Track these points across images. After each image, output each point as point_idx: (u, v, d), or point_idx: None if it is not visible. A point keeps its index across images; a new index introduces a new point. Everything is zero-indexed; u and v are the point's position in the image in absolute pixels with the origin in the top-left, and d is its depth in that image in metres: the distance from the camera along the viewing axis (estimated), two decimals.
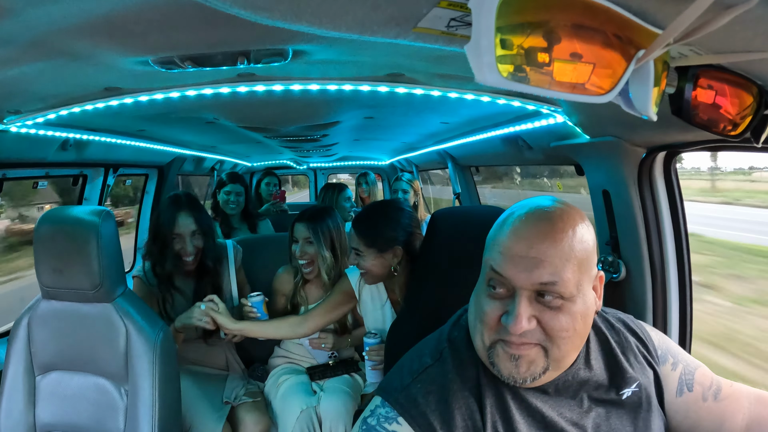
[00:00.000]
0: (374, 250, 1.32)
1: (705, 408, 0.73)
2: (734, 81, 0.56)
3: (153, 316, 1.25)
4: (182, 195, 1.62)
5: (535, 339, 0.61)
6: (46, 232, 1.14)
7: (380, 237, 1.32)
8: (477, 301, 0.65)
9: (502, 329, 0.62)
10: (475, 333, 0.66)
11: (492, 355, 0.63)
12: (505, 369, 0.62)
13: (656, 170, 1.15)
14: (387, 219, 1.34)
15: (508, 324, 0.60)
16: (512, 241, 0.61)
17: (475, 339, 0.66)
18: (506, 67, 0.36)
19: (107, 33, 0.71)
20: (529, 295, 0.60)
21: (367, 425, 0.66)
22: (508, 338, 0.61)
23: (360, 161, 4.44)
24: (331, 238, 1.59)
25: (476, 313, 0.65)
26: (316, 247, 1.58)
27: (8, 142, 1.35)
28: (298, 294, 1.70)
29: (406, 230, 1.34)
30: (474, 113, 1.58)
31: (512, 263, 0.61)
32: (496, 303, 0.62)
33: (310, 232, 1.57)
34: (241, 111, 1.57)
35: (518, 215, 0.64)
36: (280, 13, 0.48)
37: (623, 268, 1.24)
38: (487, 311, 0.63)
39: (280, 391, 1.59)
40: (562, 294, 0.60)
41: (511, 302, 0.61)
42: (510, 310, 0.60)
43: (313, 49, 0.84)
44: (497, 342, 0.62)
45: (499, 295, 0.62)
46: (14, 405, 1.21)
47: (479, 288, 0.66)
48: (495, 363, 0.63)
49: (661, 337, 0.78)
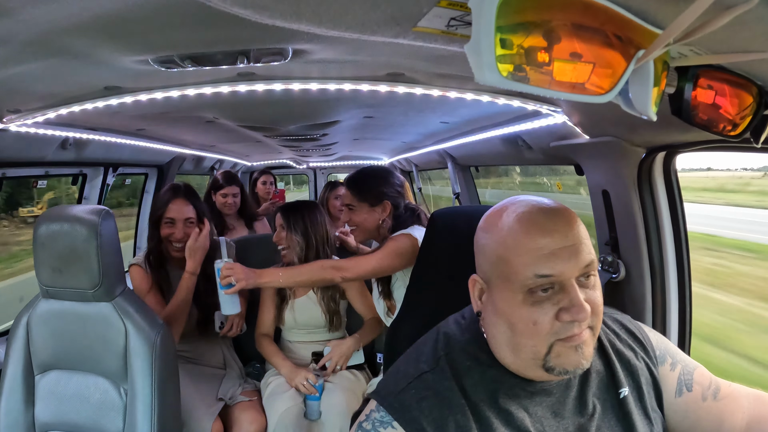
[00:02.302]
0: (366, 204, 1.46)
1: (704, 408, 0.73)
2: (734, 81, 0.56)
3: (152, 315, 1.25)
4: (181, 184, 1.69)
5: (587, 323, 0.61)
6: (45, 232, 1.14)
7: (371, 192, 1.46)
8: (517, 316, 0.61)
9: (560, 328, 0.59)
10: (521, 349, 0.62)
11: (550, 359, 0.60)
12: (571, 363, 0.60)
13: (656, 170, 1.15)
14: (376, 177, 1.49)
15: (572, 317, 0.58)
16: (544, 238, 0.60)
17: (523, 354, 0.62)
18: (506, 66, 0.36)
19: (107, 32, 0.71)
20: (576, 282, 0.60)
21: (362, 429, 0.66)
22: (569, 333, 0.59)
23: (360, 161, 4.44)
24: (304, 226, 1.71)
25: (522, 328, 0.61)
26: (287, 232, 1.70)
27: (8, 141, 1.35)
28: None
29: (394, 188, 1.48)
30: (474, 113, 1.58)
31: (557, 258, 0.59)
32: (545, 306, 0.60)
33: (284, 219, 1.71)
34: (241, 110, 1.57)
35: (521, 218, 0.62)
36: (280, 12, 0.48)
37: (623, 268, 1.24)
38: (539, 319, 0.59)
39: (268, 389, 1.61)
40: (594, 271, 0.61)
41: (562, 297, 0.59)
42: (566, 304, 0.59)
43: (313, 49, 0.84)
44: (554, 343, 0.60)
45: (547, 297, 0.60)
46: (13, 404, 1.21)
47: (511, 303, 0.61)
48: (556, 364, 0.60)
49: (659, 337, 0.78)
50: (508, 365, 0.65)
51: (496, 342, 0.65)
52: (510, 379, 0.66)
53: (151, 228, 1.64)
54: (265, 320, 1.77)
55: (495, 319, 0.64)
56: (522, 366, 0.64)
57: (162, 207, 1.61)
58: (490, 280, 0.65)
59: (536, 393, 0.66)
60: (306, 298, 1.76)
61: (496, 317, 0.64)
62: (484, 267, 0.66)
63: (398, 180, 1.52)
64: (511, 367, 0.65)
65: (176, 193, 1.63)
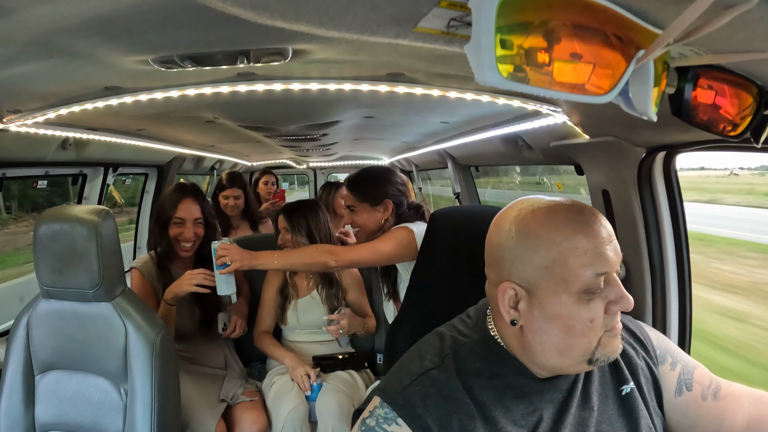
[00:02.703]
0: (367, 204, 1.47)
1: (705, 407, 0.74)
2: (734, 81, 0.56)
3: (152, 315, 1.25)
4: (188, 184, 1.72)
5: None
6: (45, 232, 1.14)
7: (371, 192, 1.47)
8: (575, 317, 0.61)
9: (608, 320, 0.62)
10: (574, 349, 0.62)
11: (598, 350, 0.62)
12: (615, 350, 0.64)
13: (656, 170, 1.15)
14: (376, 177, 1.50)
15: (622, 308, 0.62)
16: (593, 236, 0.61)
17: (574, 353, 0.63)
18: (506, 67, 0.36)
19: (107, 32, 0.71)
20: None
21: (366, 426, 0.66)
22: (615, 323, 0.63)
23: (360, 161, 4.44)
24: (308, 226, 1.72)
25: (580, 329, 0.61)
26: (291, 234, 1.71)
27: (8, 141, 1.35)
28: (288, 285, 1.77)
29: (396, 186, 1.49)
30: (474, 113, 1.58)
31: (609, 253, 0.61)
32: (597, 302, 0.61)
33: (287, 221, 1.72)
34: (241, 110, 1.57)
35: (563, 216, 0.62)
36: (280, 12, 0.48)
37: (623, 268, 1.24)
38: (596, 315, 0.61)
39: (273, 389, 1.61)
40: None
41: (609, 290, 0.61)
42: (614, 297, 0.61)
43: (313, 49, 0.84)
44: (603, 335, 0.62)
45: (598, 294, 0.61)
46: (13, 404, 1.21)
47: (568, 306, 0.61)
48: (602, 354, 0.63)
49: (659, 337, 0.78)
50: (543, 365, 0.65)
51: (543, 347, 0.64)
52: (519, 379, 0.66)
53: (159, 229, 1.63)
54: (265, 319, 1.78)
55: (546, 325, 0.63)
56: (566, 364, 0.64)
57: (171, 207, 1.61)
58: (538, 285, 0.62)
59: (545, 390, 0.66)
60: (309, 298, 1.76)
61: (548, 323, 0.62)
62: (525, 273, 0.63)
63: (400, 179, 1.52)
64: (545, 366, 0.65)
65: (184, 193, 1.64)
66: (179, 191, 1.65)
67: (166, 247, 1.63)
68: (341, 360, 1.72)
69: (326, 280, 1.77)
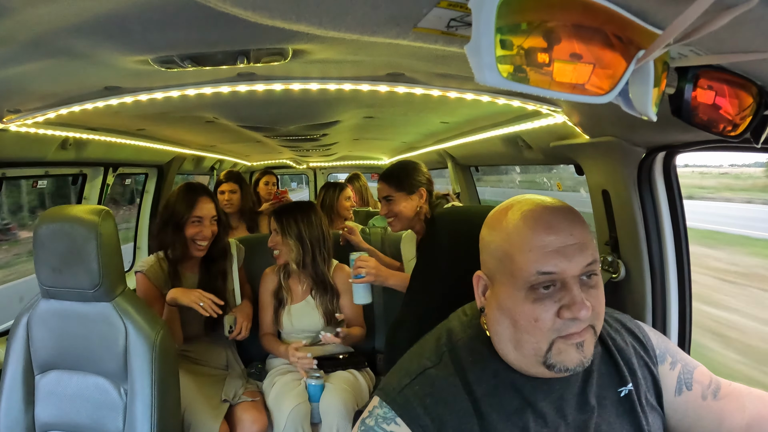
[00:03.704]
0: (403, 193, 1.59)
1: (705, 407, 0.74)
2: (734, 81, 0.56)
3: (152, 315, 1.25)
4: (196, 183, 1.72)
5: (588, 321, 0.61)
6: (45, 231, 1.14)
7: (406, 181, 1.59)
8: (519, 313, 0.62)
9: (561, 325, 0.60)
10: (523, 345, 0.62)
11: (551, 356, 0.61)
12: (571, 361, 0.61)
13: (656, 170, 1.15)
14: (407, 168, 1.64)
15: (573, 315, 0.59)
16: (549, 236, 0.60)
17: (524, 350, 0.62)
18: (506, 67, 0.36)
19: (107, 32, 0.71)
20: (578, 280, 0.60)
21: (365, 426, 0.66)
22: (570, 331, 0.60)
23: (360, 161, 4.44)
24: (298, 229, 1.72)
25: (524, 325, 0.61)
26: (284, 239, 1.72)
27: (8, 141, 1.35)
28: (283, 290, 1.78)
29: (425, 176, 1.64)
30: (474, 113, 1.58)
31: (560, 256, 0.60)
32: (546, 303, 0.60)
33: (277, 223, 1.74)
34: (241, 110, 1.57)
35: (527, 216, 0.62)
36: (280, 12, 0.48)
37: (623, 268, 1.24)
38: (541, 316, 0.60)
39: (274, 389, 1.61)
40: (597, 271, 0.62)
41: (564, 295, 0.60)
42: (567, 302, 0.60)
43: (313, 49, 0.84)
44: (555, 340, 0.61)
45: (548, 294, 0.61)
46: (13, 404, 1.21)
47: (515, 300, 0.62)
48: (557, 361, 0.61)
49: (659, 336, 0.78)
50: (511, 362, 0.66)
51: (499, 338, 0.65)
52: (511, 374, 0.67)
53: (173, 231, 1.61)
54: (266, 322, 1.79)
55: (498, 316, 0.65)
56: (524, 362, 0.64)
57: (189, 207, 1.61)
58: (494, 276, 0.65)
59: (538, 388, 0.66)
60: (304, 304, 1.77)
61: (500, 313, 0.64)
62: (489, 263, 0.66)
63: (426, 171, 1.65)
64: (513, 363, 0.66)
65: (199, 191, 1.65)
66: (193, 191, 1.65)
67: (182, 248, 1.62)
68: (342, 360, 1.72)
69: (321, 285, 1.77)
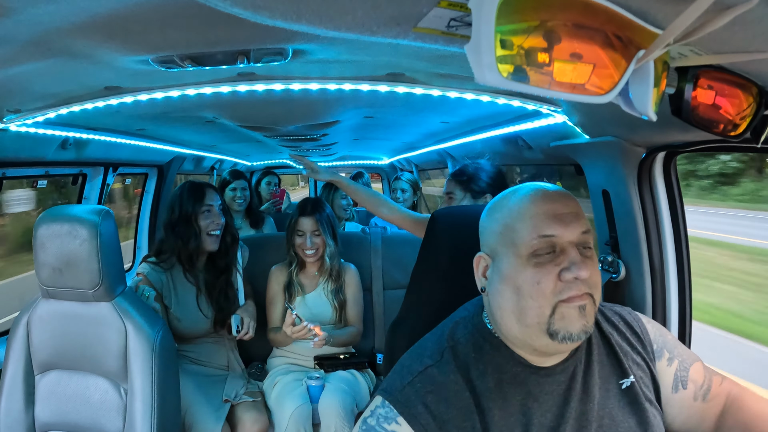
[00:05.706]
0: (469, 195, 1.51)
1: (695, 407, 0.75)
2: (734, 81, 0.56)
3: (152, 315, 1.25)
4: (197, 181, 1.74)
5: (587, 288, 0.62)
6: (45, 232, 1.13)
7: (474, 183, 1.50)
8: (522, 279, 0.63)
9: (562, 287, 0.61)
10: (526, 312, 0.63)
11: (554, 322, 0.62)
12: (575, 326, 0.62)
13: (656, 170, 1.15)
14: (480, 170, 1.52)
15: (573, 275, 0.61)
16: (546, 204, 0.64)
17: (528, 318, 0.63)
18: (506, 67, 0.36)
19: (107, 32, 0.71)
20: (575, 247, 0.63)
21: (366, 425, 0.66)
22: (571, 293, 0.61)
23: (360, 161, 4.44)
24: (332, 227, 1.73)
25: (527, 290, 0.63)
26: (323, 237, 1.72)
27: (8, 141, 1.35)
28: (294, 282, 1.78)
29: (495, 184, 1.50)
30: (474, 113, 1.58)
31: (558, 221, 0.63)
32: (547, 267, 0.62)
33: (318, 224, 1.71)
34: (241, 110, 1.57)
35: (526, 193, 0.66)
36: (280, 12, 0.48)
37: (623, 268, 1.24)
38: (542, 280, 0.62)
39: (276, 390, 1.61)
40: (590, 243, 0.64)
41: (563, 259, 0.62)
42: (567, 264, 0.62)
43: (313, 49, 0.84)
44: (558, 305, 0.62)
45: (549, 259, 0.63)
46: (13, 404, 1.21)
47: (517, 267, 0.64)
48: (561, 327, 0.61)
49: (657, 330, 0.78)
50: (515, 337, 0.66)
51: (502, 311, 0.66)
52: (515, 367, 0.67)
53: (184, 227, 1.63)
54: (274, 318, 1.78)
55: (501, 287, 0.66)
56: (528, 334, 0.64)
57: (199, 199, 1.64)
58: (496, 250, 0.67)
59: (542, 380, 0.67)
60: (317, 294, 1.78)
61: (502, 284, 0.65)
62: (490, 241, 0.69)
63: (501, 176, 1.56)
64: (517, 339, 0.66)
65: (202, 184, 1.69)
66: (197, 184, 1.68)
67: (196, 241, 1.64)
68: (342, 360, 1.73)
69: (331, 275, 1.78)
